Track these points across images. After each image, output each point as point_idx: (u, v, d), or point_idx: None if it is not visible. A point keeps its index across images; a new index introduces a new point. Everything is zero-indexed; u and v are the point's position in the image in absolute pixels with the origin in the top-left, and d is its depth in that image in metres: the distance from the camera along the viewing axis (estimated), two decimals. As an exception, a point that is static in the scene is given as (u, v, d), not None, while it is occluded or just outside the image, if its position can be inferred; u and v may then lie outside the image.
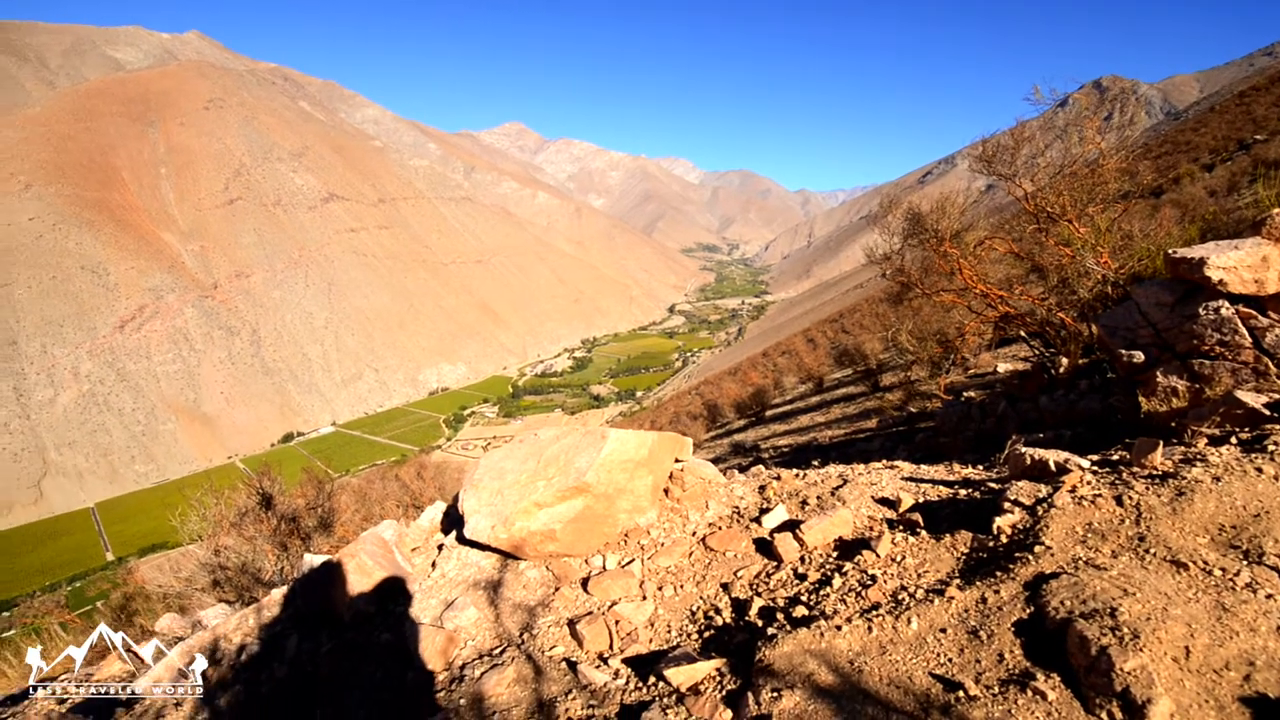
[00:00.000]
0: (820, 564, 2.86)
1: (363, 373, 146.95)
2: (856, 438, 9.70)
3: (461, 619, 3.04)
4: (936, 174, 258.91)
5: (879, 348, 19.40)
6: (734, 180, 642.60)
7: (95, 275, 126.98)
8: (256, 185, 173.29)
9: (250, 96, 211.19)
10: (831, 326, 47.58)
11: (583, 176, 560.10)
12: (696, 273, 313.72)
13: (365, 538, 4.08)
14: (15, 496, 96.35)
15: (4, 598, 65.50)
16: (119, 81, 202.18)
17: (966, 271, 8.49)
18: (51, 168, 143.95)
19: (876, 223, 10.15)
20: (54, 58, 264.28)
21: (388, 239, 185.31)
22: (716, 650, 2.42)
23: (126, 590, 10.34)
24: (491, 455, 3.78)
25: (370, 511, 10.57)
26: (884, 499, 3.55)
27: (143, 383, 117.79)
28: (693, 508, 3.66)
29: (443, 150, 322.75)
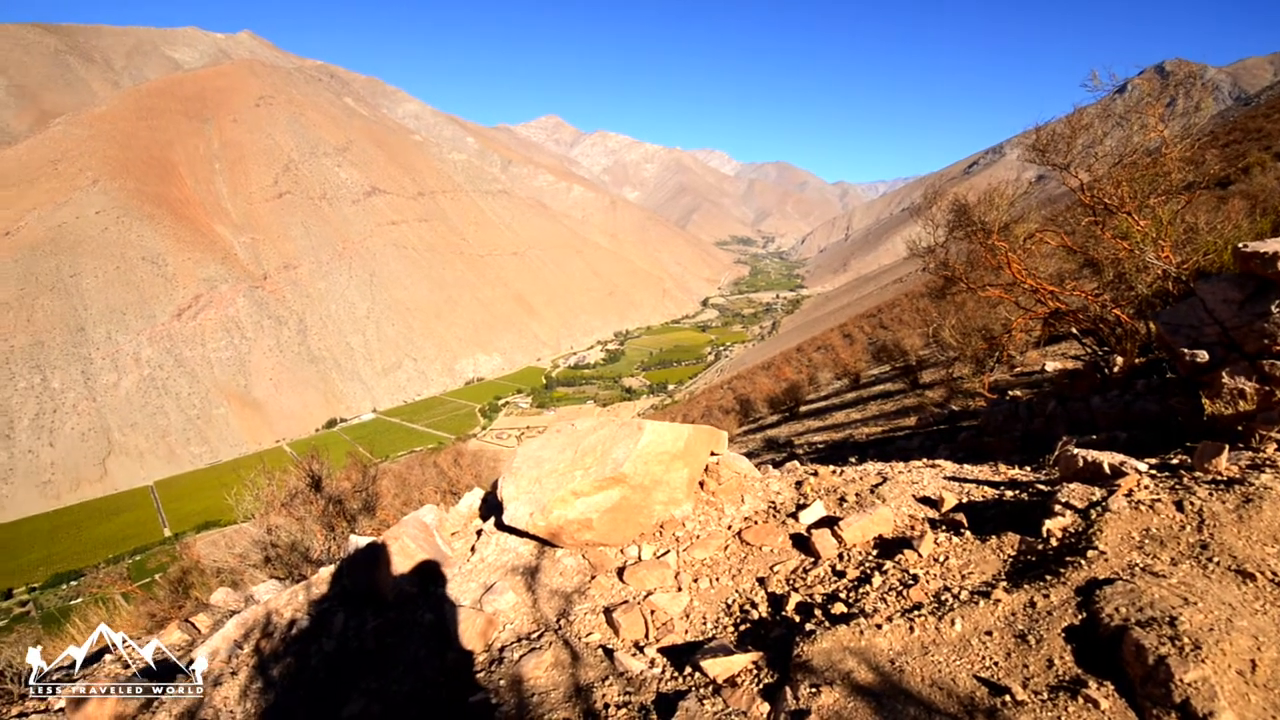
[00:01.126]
0: (859, 562, 2.82)
1: (402, 362, 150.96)
2: (895, 435, 9.49)
3: (500, 603, 3.12)
4: (983, 164, 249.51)
5: (919, 344, 18.90)
6: (770, 172, 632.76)
7: (155, 266, 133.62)
8: (304, 180, 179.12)
9: (298, 94, 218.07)
10: (869, 322, 46.52)
11: (618, 169, 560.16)
12: (730, 266, 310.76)
13: (407, 521, 4.21)
14: (83, 474, 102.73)
15: (74, 568, 70.13)
16: (177, 81, 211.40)
17: (1015, 265, 8.18)
18: (116, 164, 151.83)
19: (919, 215, 9.86)
20: (118, 59, 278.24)
21: (427, 231, 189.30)
22: (753, 644, 2.42)
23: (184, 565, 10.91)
24: (530, 444, 3.85)
25: (410, 496, 10.89)
26: (925, 498, 3.47)
27: (198, 369, 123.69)
28: (728, 501, 3.65)
29: (480, 144, 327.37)
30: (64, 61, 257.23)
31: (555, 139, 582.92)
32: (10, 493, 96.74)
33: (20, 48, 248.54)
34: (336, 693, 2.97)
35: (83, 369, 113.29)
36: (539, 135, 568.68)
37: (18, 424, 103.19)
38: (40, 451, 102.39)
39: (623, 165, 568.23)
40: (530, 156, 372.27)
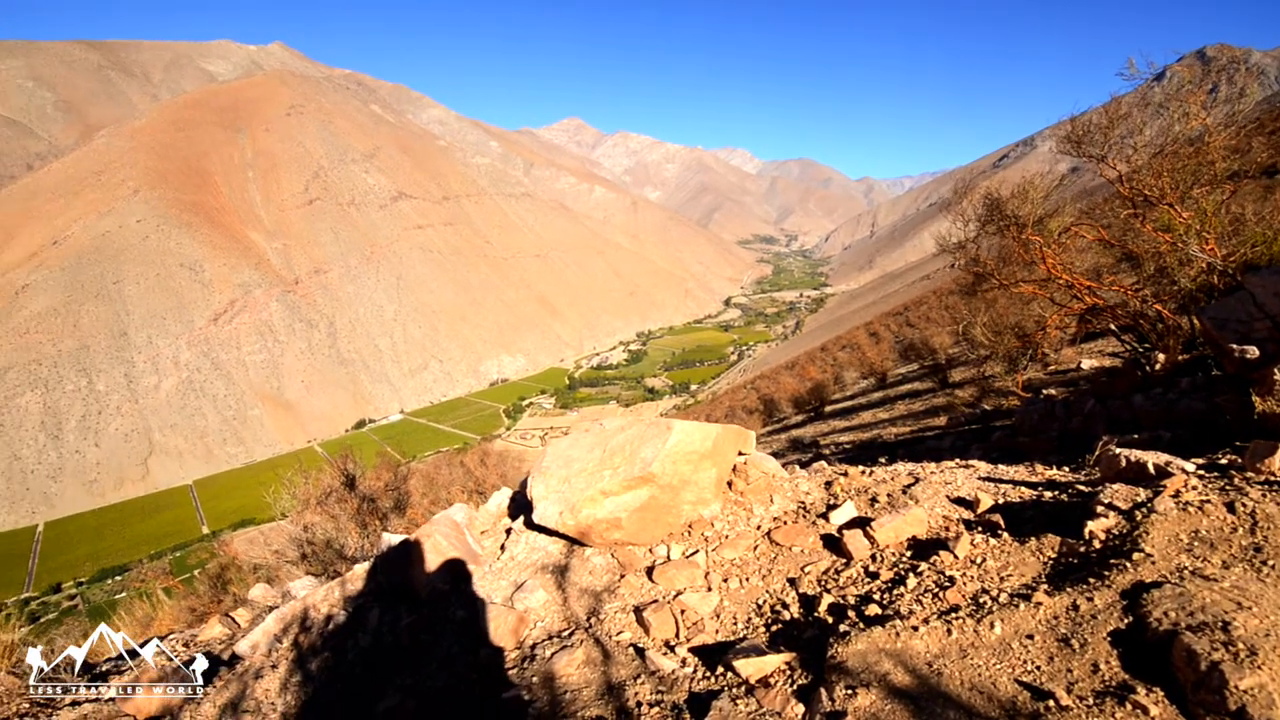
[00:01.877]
0: (893, 563, 2.78)
1: (428, 363, 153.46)
2: (925, 435, 9.32)
3: (531, 600, 3.15)
4: (1013, 157, 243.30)
5: (948, 342, 18.54)
6: (793, 170, 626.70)
7: (192, 272, 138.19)
8: (333, 186, 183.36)
9: (327, 102, 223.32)
10: (895, 320, 45.72)
11: (639, 170, 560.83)
12: (753, 265, 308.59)
13: (438, 520, 4.28)
14: (126, 473, 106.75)
15: (118, 563, 72.88)
16: (212, 92, 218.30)
17: (1050, 260, 7.96)
18: (155, 174, 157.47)
19: (948, 210, 9.67)
20: (156, 72, 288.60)
21: (452, 235, 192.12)
22: (785, 644, 2.40)
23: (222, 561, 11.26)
24: (558, 444, 3.88)
25: (438, 496, 11.07)
26: (960, 499, 3.40)
27: (233, 371, 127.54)
28: (757, 501, 3.63)
29: (504, 148, 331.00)
30: (106, 76, 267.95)
31: (577, 141, 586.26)
32: (59, 490, 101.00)
33: (66, 64, 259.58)
34: (372, 687, 3.04)
35: (125, 372, 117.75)
36: (561, 138, 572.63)
37: (65, 425, 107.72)
38: (87, 451, 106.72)
39: (644, 166, 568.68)
40: (552, 159, 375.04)
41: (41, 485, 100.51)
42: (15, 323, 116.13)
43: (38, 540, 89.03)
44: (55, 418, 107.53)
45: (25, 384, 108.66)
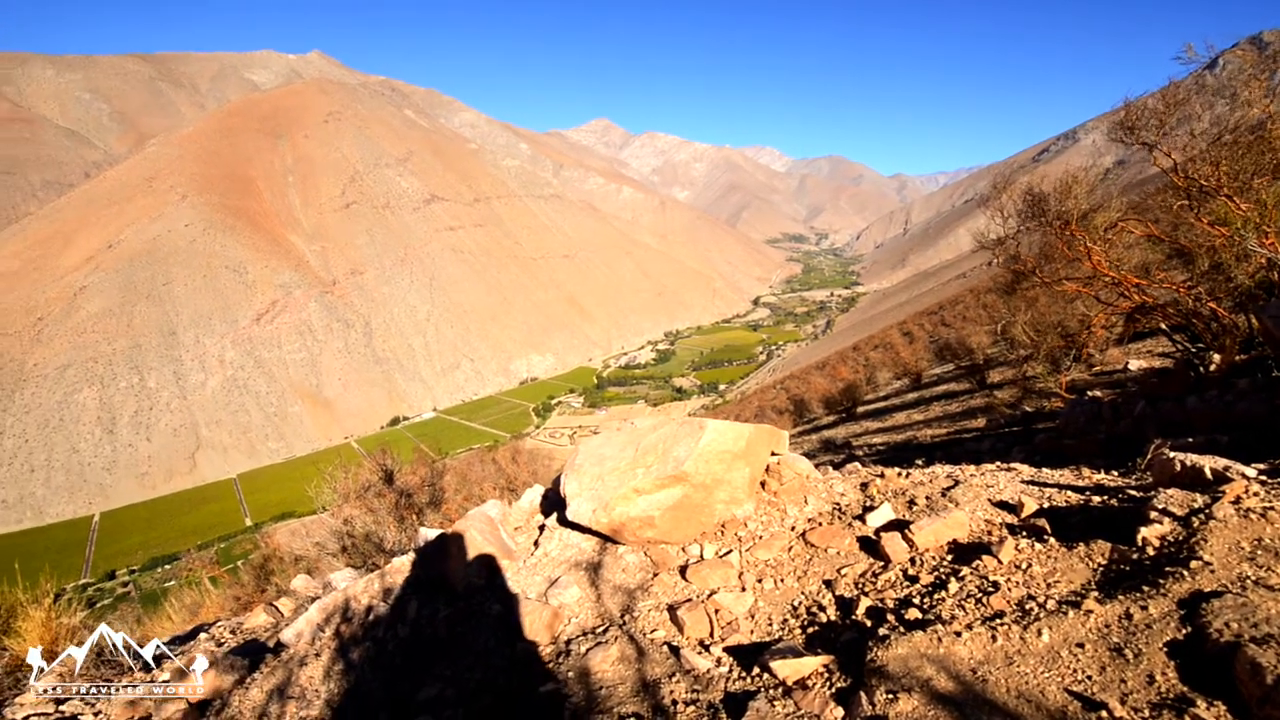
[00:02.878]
0: (933, 567, 2.72)
1: (460, 362, 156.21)
2: (963, 437, 9.08)
3: (565, 596, 3.18)
4: (1054, 151, 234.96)
5: (986, 341, 18.03)
6: (823, 167, 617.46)
7: (236, 274, 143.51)
8: (369, 190, 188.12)
9: (363, 108, 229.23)
10: (930, 319, 44.64)
11: (667, 169, 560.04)
12: (782, 264, 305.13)
13: (473, 515, 4.36)
14: (175, 466, 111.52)
15: (168, 552, 76.17)
16: (254, 101, 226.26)
17: (1096, 257, 7.67)
18: (202, 180, 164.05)
19: (986, 205, 9.40)
20: (203, 83, 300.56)
21: (482, 236, 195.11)
22: (822, 647, 2.37)
23: (265, 552, 11.66)
24: (591, 442, 3.91)
25: (470, 492, 11.25)
26: (1002, 502, 3.31)
27: (274, 369, 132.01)
28: (790, 502, 3.59)
29: (533, 150, 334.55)
30: (157, 88, 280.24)
31: (605, 141, 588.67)
32: (114, 482, 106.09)
33: (120, 77, 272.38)
34: (412, 677, 3.11)
35: (174, 370, 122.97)
36: (589, 139, 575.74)
37: (119, 420, 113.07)
38: (139, 445, 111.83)
39: (672, 165, 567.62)
40: (581, 160, 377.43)
41: (98, 477, 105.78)
42: (74, 322, 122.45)
43: (94, 529, 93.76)
44: (110, 413, 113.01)
45: (83, 380, 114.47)
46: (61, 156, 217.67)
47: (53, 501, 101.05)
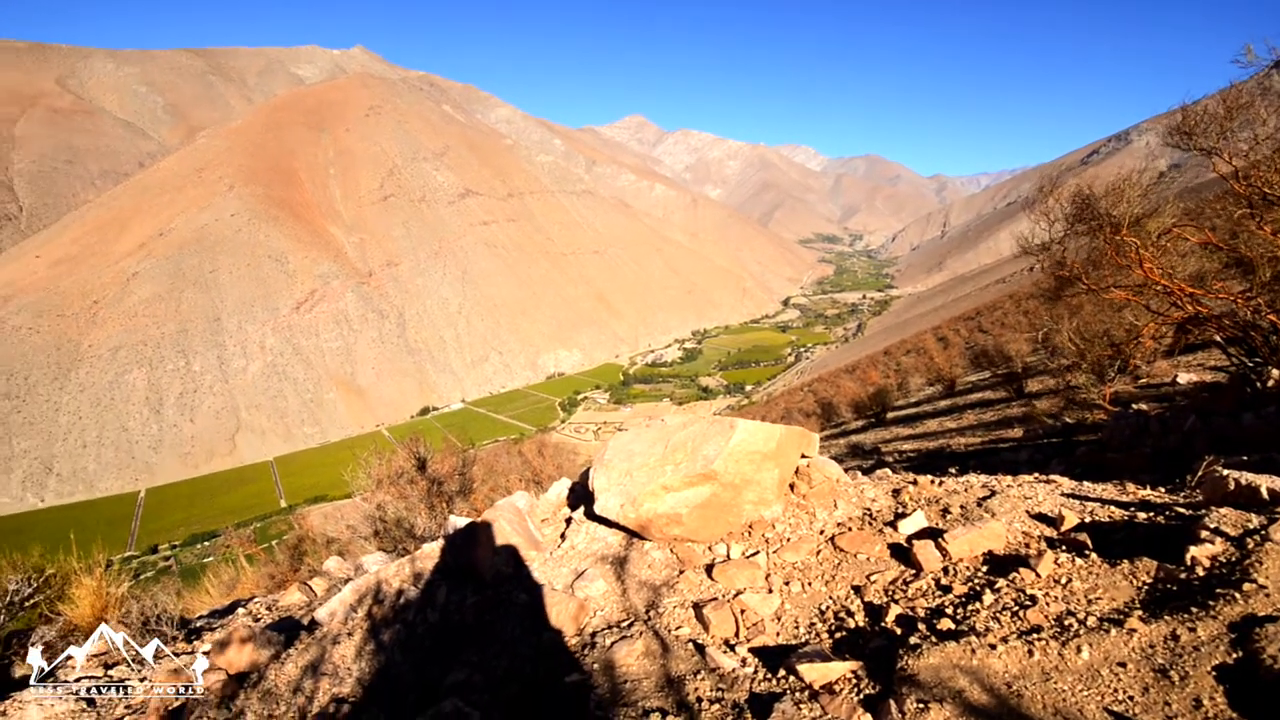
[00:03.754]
0: (967, 577, 2.66)
1: (489, 355, 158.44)
2: (998, 447, 8.84)
3: (591, 590, 3.21)
4: (1104, 153, 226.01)
5: (1025, 349, 17.50)
6: (859, 166, 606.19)
7: (278, 263, 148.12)
8: (406, 183, 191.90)
9: (402, 103, 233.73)
10: (966, 325, 43.47)
11: (700, 167, 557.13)
12: (814, 264, 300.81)
13: (502, 506, 4.43)
14: (216, 448, 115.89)
15: (208, 530, 79.29)
16: (299, 95, 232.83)
17: (1148, 264, 7.36)
18: (248, 172, 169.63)
19: (1032, 208, 9.10)
20: (251, 77, 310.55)
21: (515, 231, 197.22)
22: (849, 652, 2.35)
23: (299, 533, 12.03)
24: (620, 437, 3.93)
25: (497, 483, 11.43)
26: (1041, 515, 3.21)
27: (312, 357, 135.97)
28: (820, 506, 3.56)
29: (567, 146, 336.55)
30: (208, 81, 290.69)
31: (639, 138, 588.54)
32: (159, 461, 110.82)
33: (174, 71, 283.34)
34: (441, 661, 3.18)
35: (218, 354, 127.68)
36: (623, 135, 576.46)
37: (166, 401, 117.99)
38: (183, 426, 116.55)
39: (705, 163, 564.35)
40: (614, 156, 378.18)
41: (144, 455, 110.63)
42: (126, 306, 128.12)
43: (139, 505, 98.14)
44: (157, 394, 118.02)
45: (133, 362, 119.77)
46: (118, 147, 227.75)
47: (103, 476, 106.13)
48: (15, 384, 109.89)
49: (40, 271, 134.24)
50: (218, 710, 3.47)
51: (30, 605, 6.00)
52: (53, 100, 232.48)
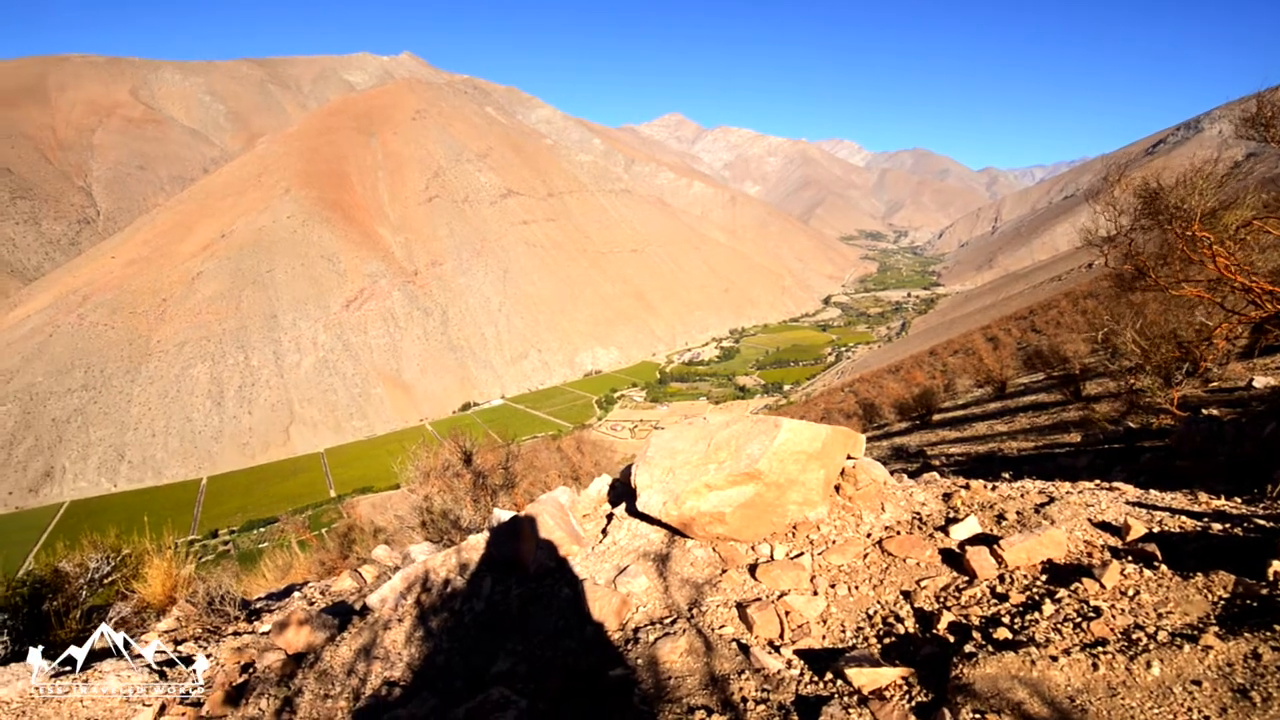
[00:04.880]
0: (1025, 586, 2.56)
1: (528, 353, 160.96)
2: (1054, 452, 8.46)
3: (634, 585, 3.23)
4: (1172, 142, 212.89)
5: (1083, 350, 16.70)
6: (905, 161, 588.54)
7: (330, 263, 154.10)
8: (450, 184, 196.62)
9: (447, 106, 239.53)
10: (1018, 324, 41.70)
11: (739, 164, 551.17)
12: (856, 262, 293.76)
13: (545, 500, 4.50)
14: (271, 438, 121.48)
15: (264, 516, 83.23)
16: (350, 101, 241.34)
17: (1222, 260, 6.91)
18: (303, 175, 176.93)
19: (1094, 200, 8.66)
20: (306, 84, 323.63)
21: (554, 230, 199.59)
22: (899, 659, 2.29)
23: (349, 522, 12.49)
24: (663, 435, 3.93)
25: (537, 478, 11.60)
26: (1104, 523, 3.06)
27: (360, 353, 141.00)
28: (866, 508, 3.48)
29: (606, 145, 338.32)
30: (266, 89, 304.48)
31: (677, 136, 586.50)
32: (219, 450, 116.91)
33: (235, 80, 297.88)
34: (486, 650, 3.26)
35: (274, 350, 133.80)
36: (661, 134, 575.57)
37: (226, 394, 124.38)
38: (242, 418, 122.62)
39: (744, 160, 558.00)
40: (652, 155, 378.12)
41: (206, 445, 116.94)
42: (191, 304, 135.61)
43: (202, 491, 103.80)
44: (219, 387, 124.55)
45: (197, 357, 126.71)
46: (185, 153, 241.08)
47: (169, 464, 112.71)
48: (93, 376, 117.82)
49: (115, 271, 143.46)
50: (278, 688, 3.64)
51: (109, 583, 6.43)
52: (127, 110, 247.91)
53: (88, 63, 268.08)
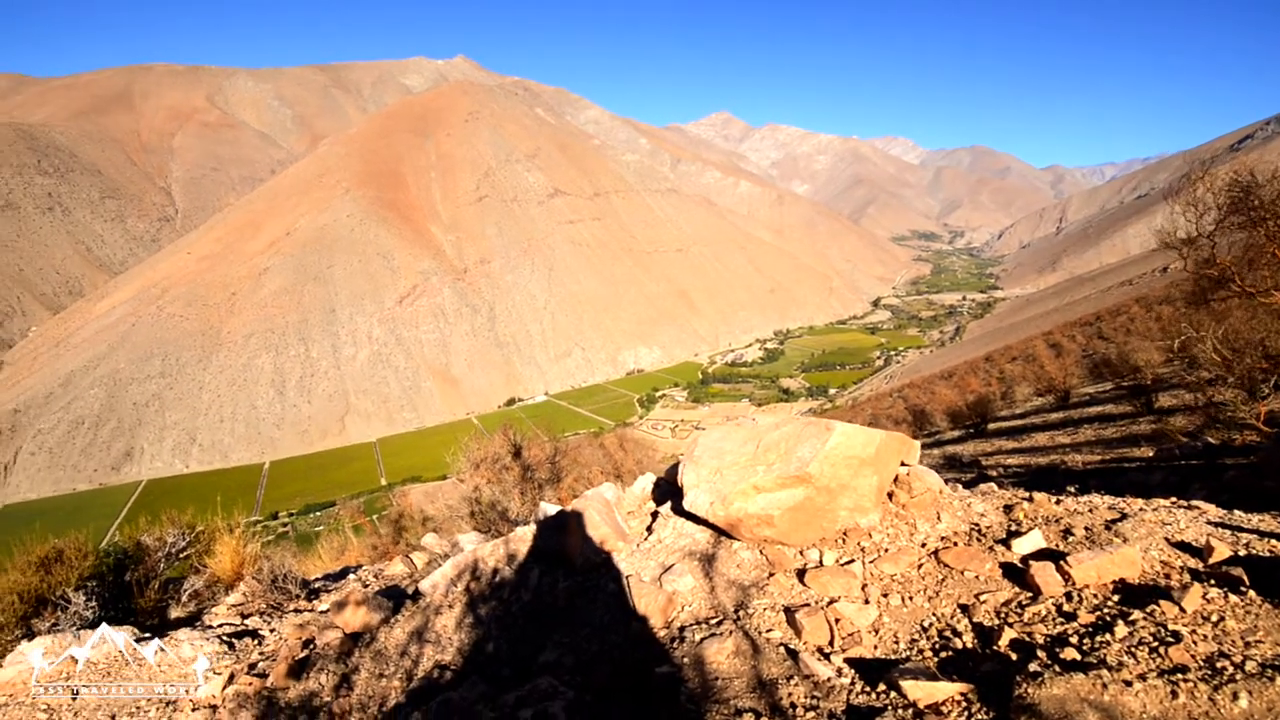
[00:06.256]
0: (1095, 605, 2.43)
1: (572, 350, 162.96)
2: (1125, 466, 7.99)
3: (679, 584, 3.23)
4: (1260, 138, 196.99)
5: (1157, 359, 15.69)
6: (963, 159, 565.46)
7: (385, 260, 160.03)
8: (499, 184, 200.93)
9: (498, 108, 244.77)
10: (1083, 331, 39.47)
11: (787, 162, 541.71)
12: (908, 263, 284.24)
13: (591, 496, 4.55)
14: (328, 427, 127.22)
15: (320, 501, 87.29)
16: (406, 104, 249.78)
17: (1323, 265, 6.37)
18: (362, 175, 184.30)
19: (1175, 198, 8.12)
20: (366, 88, 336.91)
21: (599, 229, 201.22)
22: (958, 674, 2.22)
23: (400, 509, 12.93)
24: (710, 435, 3.92)
25: (579, 474, 11.74)
26: (1183, 544, 2.87)
27: (412, 347, 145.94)
28: (921, 517, 3.37)
29: (652, 144, 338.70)
30: (329, 94, 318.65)
31: (724, 135, 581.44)
32: (280, 437, 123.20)
33: (301, 85, 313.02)
34: (533, 640, 3.33)
35: (332, 343, 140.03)
36: (708, 132, 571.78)
37: (288, 383, 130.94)
38: (302, 407, 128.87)
39: (793, 158, 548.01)
40: (699, 154, 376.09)
41: (269, 431, 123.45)
42: (258, 298, 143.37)
43: (264, 475, 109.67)
44: (281, 377, 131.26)
45: (263, 348, 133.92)
46: (255, 156, 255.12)
47: (235, 448, 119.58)
48: (169, 364, 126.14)
49: (190, 266, 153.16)
50: (337, 664, 3.82)
51: (184, 557, 6.87)
52: (203, 115, 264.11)
53: (169, 71, 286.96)
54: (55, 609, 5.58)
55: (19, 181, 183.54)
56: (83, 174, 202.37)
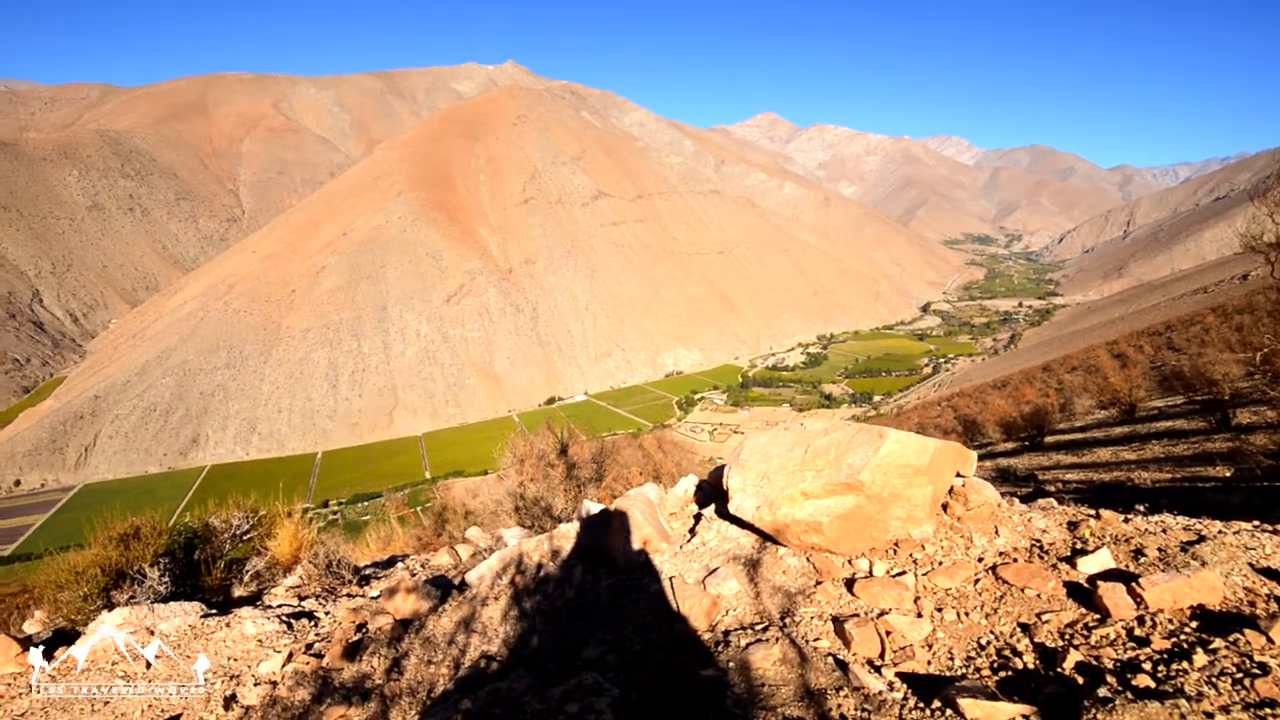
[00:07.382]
0: (1170, 631, 2.29)
1: (612, 351, 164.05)
2: (1199, 486, 7.50)
3: (724, 588, 3.22)
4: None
5: (1236, 373, 14.65)
6: (1021, 159, 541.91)
7: (434, 260, 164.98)
8: (545, 186, 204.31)
9: (546, 111, 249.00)
10: (1152, 341, 37.14)
11: (834, 164, 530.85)
12: (961, 268, 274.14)
13: (634, 496, 4.58)
14: (377, 421, 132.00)
15: (368, 491, 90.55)
16: (457, 109, 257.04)
17: None
18: (414, 179, 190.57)
19: (1260, 199, 7.57)
20: (419, 94, 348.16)
21: (642, 231, 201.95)
22: (1019, 695, 2.13)
23: (443, 501, 13.29)
24: (757, 438, 3.89)
25: (619, 473, 11.81)
26: (1270, 570, 2.68)
27: (457, 345, 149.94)
28: (977, 530, 3.26)
29: (696, 146, 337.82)
30: (385, 100, 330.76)
31: (770, 136, 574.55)
32: (333, 429, 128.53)
33: (359, 91, 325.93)
34: (577, 636, 3.37)
35: (383, 339, 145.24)
36: (754, 134, 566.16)
37: (341, 377, 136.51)
38: (353, 400, 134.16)
39: (840, 159, 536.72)
40: (743, 155, 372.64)
41: (322, 423, 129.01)
42: (315, 295, 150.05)
43: (316, 465, 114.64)
44: (335, 371, 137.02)
45: (318, 343, 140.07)
46: (315, 160, 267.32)
47: (291, 438, 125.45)
48: (234, 356, 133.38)
49: (254, 264, 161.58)
50: (388, 648, 3.96)
51: (247, 539, 7.25)
52: (269, 121, 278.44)
53: (239, 79, 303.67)
54: (132, 582, 5.99)
55: (105, 184, 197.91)
56: (160, 177, 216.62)
